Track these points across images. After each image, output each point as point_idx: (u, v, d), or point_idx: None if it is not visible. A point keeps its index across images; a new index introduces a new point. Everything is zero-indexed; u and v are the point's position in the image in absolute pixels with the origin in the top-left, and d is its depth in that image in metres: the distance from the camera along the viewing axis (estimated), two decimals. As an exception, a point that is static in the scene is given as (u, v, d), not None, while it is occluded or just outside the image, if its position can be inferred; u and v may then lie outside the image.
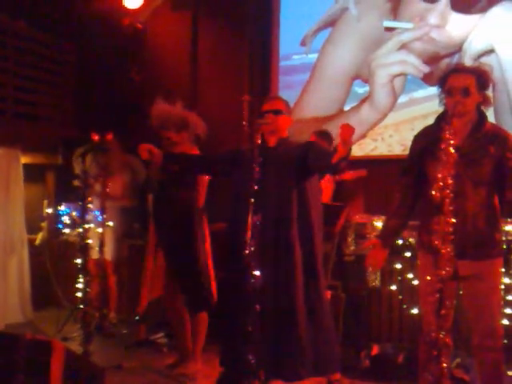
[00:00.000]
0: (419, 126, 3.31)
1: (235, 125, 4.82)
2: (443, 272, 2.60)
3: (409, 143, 3.23)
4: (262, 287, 3.14)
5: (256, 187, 3.14)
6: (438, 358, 2.64)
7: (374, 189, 4.80)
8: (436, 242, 2.63)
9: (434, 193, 2.65)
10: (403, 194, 3.15)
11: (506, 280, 3.91)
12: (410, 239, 4.18)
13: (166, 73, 6.19)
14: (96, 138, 4.79)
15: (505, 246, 3.83)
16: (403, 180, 3.17)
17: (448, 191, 2.61)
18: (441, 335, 2.62)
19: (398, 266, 4.32)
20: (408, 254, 4.26)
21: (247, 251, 3.11)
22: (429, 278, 2.75)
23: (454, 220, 2.60)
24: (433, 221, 2.65)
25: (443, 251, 2.60)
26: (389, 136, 5.48)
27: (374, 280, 4.40)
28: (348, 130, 3.04)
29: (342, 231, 4.43)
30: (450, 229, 2.61)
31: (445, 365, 2.62)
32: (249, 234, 3.14)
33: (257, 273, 3.09)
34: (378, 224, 4.30)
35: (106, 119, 5.66)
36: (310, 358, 3.40)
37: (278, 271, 3.42)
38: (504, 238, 3.85)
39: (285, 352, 3.39)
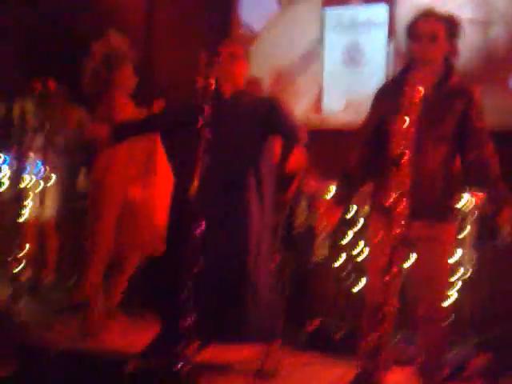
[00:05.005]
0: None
1: (188, 84, 4.63)
2: (396, 232, 2.45)
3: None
4: (206, 247, 2.99)
5: (208, 135, 2.97)
6: (381, 323, 2.50)
7: (330, 154, 4.64)
8: (390, 200, 2.47)
9: (392, 148, 2.50)
10: (360, 151, 2.98)
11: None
12: (360, 211, 4.05)
13: (119, 22, 5.80)
14: (38, 86, 4.52)
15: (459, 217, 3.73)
16: (361, 135, 3.00)
17: (407, 146, 2.45)
18: (386, 300, 2.49)
19: (347, 239, 4.17)
20: (357, 228, 4.12)
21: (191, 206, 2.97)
22: (379, 239, 2.59)
23: (410, 177, 2.45)
24: (389, 178, 2.49)
25: (397, 210, 2.45)
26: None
27: (322, 253, 4.27)
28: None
29: (293, 200, 4.27)
30: (407, 186, 2.45)
31: (386, 332, 2.50)
32: (195, 184, 2.97)
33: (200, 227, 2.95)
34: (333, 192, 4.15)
35: (52, 66, 5.31)
36: (252, 322, 3.25)
37: (225, 233, 3.26)
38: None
39: (226, 314, 3.24)
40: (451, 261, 2.99)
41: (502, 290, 3.88)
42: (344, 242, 4.16)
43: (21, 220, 4.61)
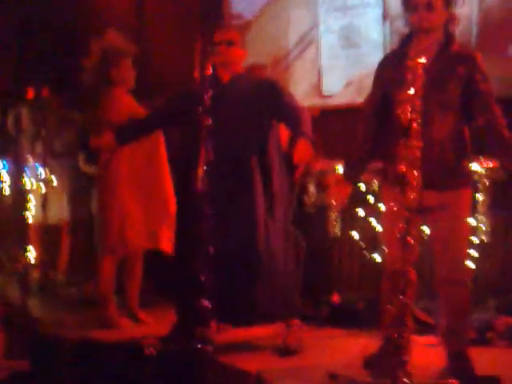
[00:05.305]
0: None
1: (185, 74, 4.59)
2: (410, 199, 2.41)
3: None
4: (217, 227, 2.95)
5: (209, 121, 2.93)
6: (403, 290, 2.46)
7: (334, 134, 4.60)
8: (402, 168, 2.44)
9: (400, 116, 2.46)
10: (367, 124, 2.97)
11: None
12: (373, 184, 4.00)
13: (110, 20, 5.74)
14: (31, 93, 4.50)
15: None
16: (367, 110, 2.99)
17: (415, 114, 2.42)
18: (406, 267, 2.45)
19: (360, 212, 4.13)
20: (370, 199, 4.08)
21: (199, 189, 2.93)
22: (394, 206, 2.54)
23: (420, 147, 2.43)
24: (399, 147, 2.46)
25: (410, 177, 2.42)
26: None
27: (335, 228, 4.22)
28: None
29: (301, 180, 4.25)
30: (418, 153, 2.43)
31: (409, 300, 2.45)
32: (200, 170, 2.92)
33: (209, 212, 2.91)
34: (341, 170, 4.10)
35: (47, 71, 5.28)
36: (267, 302, 3.25)
37: (237, 211, 3.25)
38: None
39: (240, 296, 3.24)
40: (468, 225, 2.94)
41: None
42: (356, 217, 4.13)
43: (25, 223, 4.60)
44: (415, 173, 2.42)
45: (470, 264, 3.52)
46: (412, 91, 2.43)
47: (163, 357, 2.47)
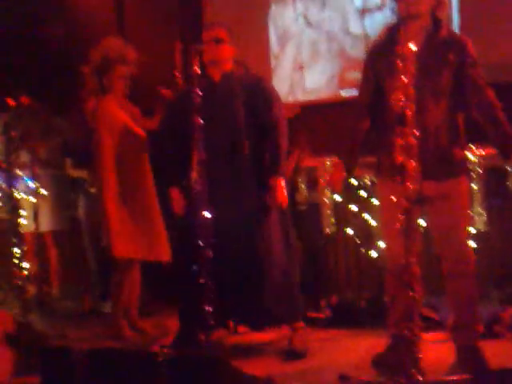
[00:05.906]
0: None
1: (166, 76, 4.52)
2: (409, 189, 2.37)
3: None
4: (216, 230, 2.91)
5: (200, 121, 2.90)
6: (410, 284, 2.42)
7: (322, 129, 4.57)
8: (399, 158, 2.39)
9: (393, 104, 2.45)
10: (360, 115, 2.94)
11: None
12: (365, 179, 3.97)
13: (90, 24, 5.59)
14: (13, 103, 4.45)
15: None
16: (360, 100, 2.96)
17: (409, 101, 2.38)
18: (411, 260, 2.40)
19: (353, 207, 4.08)
20: (363, 194, 4.04)
21: (194, 192, 2.90)
22: (393, 198, 2.49)
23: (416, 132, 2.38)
24: (394, 136, 2.42)
25: (408, 166, 2.37)
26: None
27: (330, 225, 4.18)
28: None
29: (292, 178, 4.20)
30: (414, 141, 2.38)
31: (417, 294, 2.40)
32: (194, 173, 2.95)
33: (207, 214, 2.87)
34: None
35: (30, 79, 5.19)
36: (272, 306, 3.22)
37: (236, 213, 3.21)
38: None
39: (246, 299, 3.21)
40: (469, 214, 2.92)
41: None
42: (349, 213, 4.10)
43: (18, 236, 4.54)
44: (412, 162, 2.38)
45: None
46: (404, 78, 2.40)
47: (176, 363, 2.44)
